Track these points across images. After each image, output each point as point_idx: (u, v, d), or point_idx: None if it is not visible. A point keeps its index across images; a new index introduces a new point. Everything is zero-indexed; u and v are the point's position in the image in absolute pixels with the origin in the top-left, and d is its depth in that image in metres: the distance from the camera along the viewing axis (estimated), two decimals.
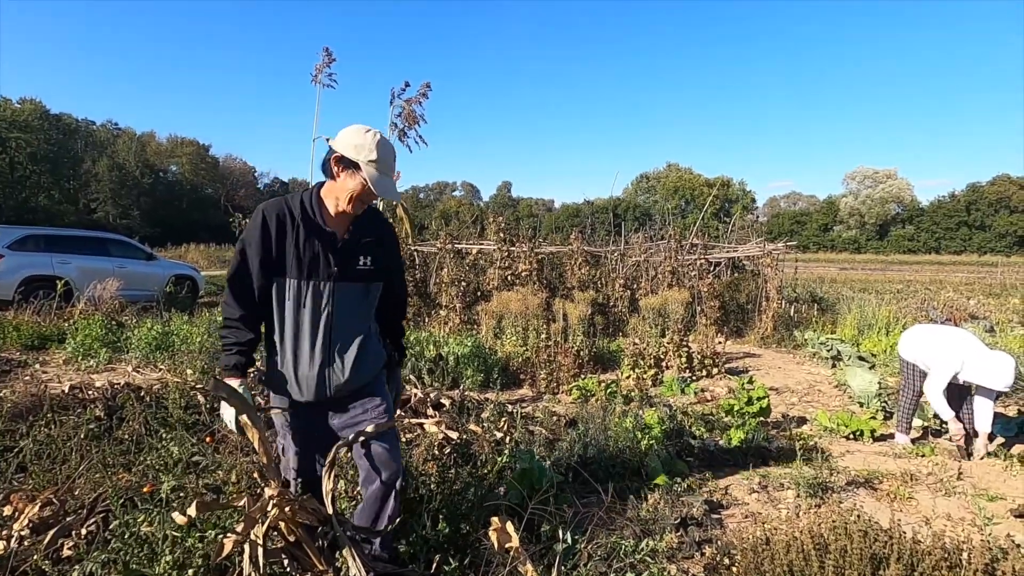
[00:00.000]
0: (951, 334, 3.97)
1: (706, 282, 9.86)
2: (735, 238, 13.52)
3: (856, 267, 36.44)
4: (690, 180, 65.84)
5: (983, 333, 8.51)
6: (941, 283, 20.88)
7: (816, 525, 1.63)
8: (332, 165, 1.83)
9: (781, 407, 5.33)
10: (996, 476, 3.54)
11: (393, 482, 1.89)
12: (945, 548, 1.46)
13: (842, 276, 25.93)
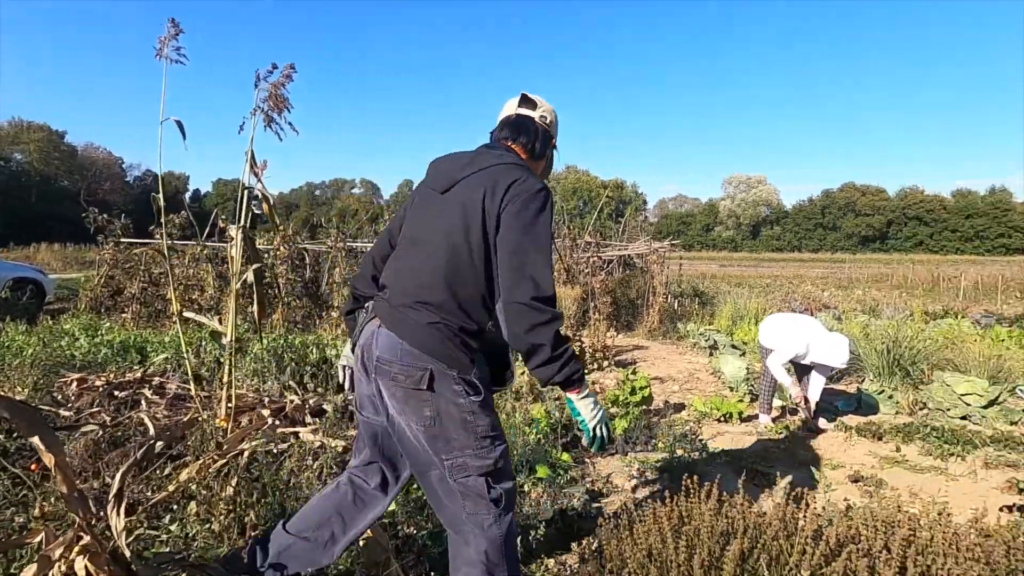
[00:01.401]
0: (799, 321, 4.40)
1: (599, 279, 10.27)
2: (626, 237, 14.26)
3: (733, 264, 39.93)
4: (587, 182, 68.60)
5: (832, 320, 9.60)
6: (801, 278, 23.43)
7: (674, 506, 1.70)
8: (549, 147, 1.84)
9: (664, 395, 5.64)
10: (838, 447, 3.98)
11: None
12: (783, 518, 1.58)
13: (721, 272, 28.15)
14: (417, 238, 1.65)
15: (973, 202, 66.19)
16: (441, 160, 1.76)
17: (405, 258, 1.66)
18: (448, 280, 1.55)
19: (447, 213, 1.60)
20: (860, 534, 1.55)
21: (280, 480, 2.48)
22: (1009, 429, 4.32)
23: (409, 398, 1.52)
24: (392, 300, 1.60)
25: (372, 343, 1.58)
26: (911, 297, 15.12)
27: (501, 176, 1.58)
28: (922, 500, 3.05)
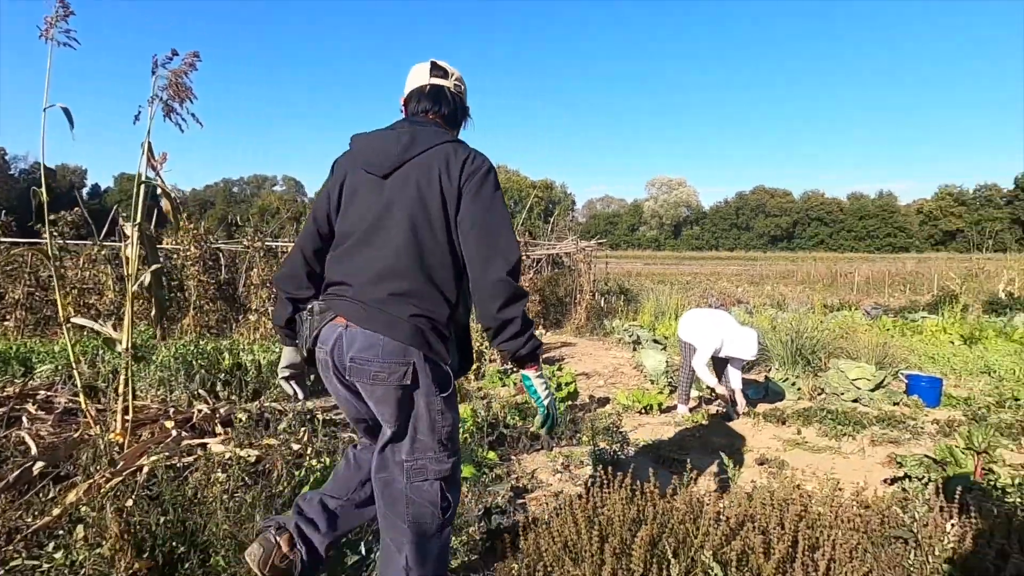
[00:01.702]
0: (714, 316, 4.65)
1: (527, 278, 10.40)
2: (555, 237, 14.50)
3: (657, 263, 41.67)
4: (517, 182, 69.20)
5: (744, 314, 10.25)
6: (718, 275, 24.84)
7: (589, 497, 1.74)
8: (465, 115, 1.83)
9: (590, 390, 5.78)
10: (747, 432, 4.24)
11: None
12: (689, 503, 1.66)
13: (646, 271, 29.29)
14: (372, 227, 1.57)
15: (865, 205, 72.87)
16: (370, 140, 1.65)
17: (362, 250, 1.58)
18: (419, 265, 1.53)
19: (400, 197, 1.55)
20: (759, 513, 1.66)
21: (183, 496, 2.32)
22: (891, 409, 4.78)
23: (389, 396, 1.51)
24: (360, 296, 1.53)
25: (341, 344, 1.53)
26: (813, 292, 16.40)
27: (451, 154, 1.57)
28: (818, 477, 3.32)
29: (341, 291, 1.58)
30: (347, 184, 1.65)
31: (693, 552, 1.46)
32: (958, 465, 2.55)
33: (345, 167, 1.67)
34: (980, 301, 12.55)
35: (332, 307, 1.58)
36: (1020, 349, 7.51)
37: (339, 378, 1.59)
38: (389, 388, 1.50)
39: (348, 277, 1.57)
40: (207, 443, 2.98)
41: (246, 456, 2.82)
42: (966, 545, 1.47)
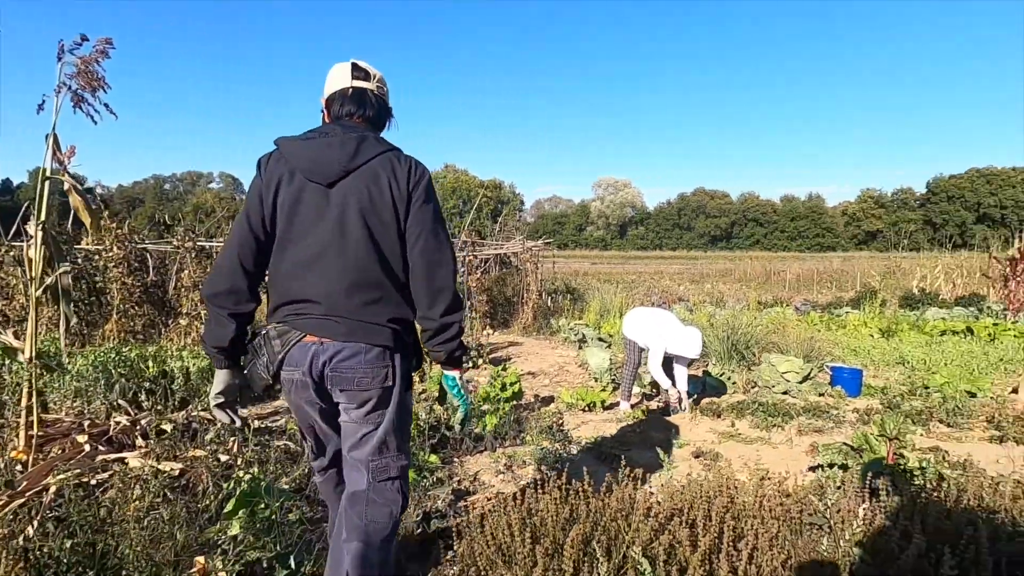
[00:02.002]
0: (657, 315, 4.77)
1: (475, 277, 10.36)
2: (502, 236, 14.53)
3: (604, 262, 42.50)
4: (466, 181, 68.98)
5: (685, 312, 10.61)
6: (662, 274, 25.59)
7: (524, 499, 1.74)
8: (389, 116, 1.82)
9: (536, 389, 5.82)
10: (685, 427, 4.38)
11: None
12: (621, 499, 1.69)
13: (593, 270, 29.79)
14: (330, 241, 1.57)
15: (796, 207, 77.02)
16: (307, 147, 1.61)
17: (324, 265, 1.57)
18: (385, 273, 1.60)
19: (353, 208, 1.57)
20: (687, 506, 1.71)
21: (95, 516, 2.15)
22: (817, 400, 5.06)
23: (370, 399, 1.60)
24: (334, 311, 1.56)
25: (318, 361, 1.57)
26: (749, 289, 17.18)
27: (396, 163, 1.61)
28: (748, 468, 3.46)
29: (306, 309, 1.58)
30: (284, 192, 1.60)
31: (625, 548, 1.48)
32: (873, 452, 2.72)
33: (278, 173, 1.61)
34: (897, 296, 13.50)
35: (297, 327, 1.59)
36: (930, 340, 8.13)
37: (317, 393, 1.61)
38: (372, 391, 1.59)
39: (314, 295, 1.57)
40: (125, 457, 2.78)
41: (168, 470, 2.65)
42: (875, 527, 1.57)
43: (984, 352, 7.09)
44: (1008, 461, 3.57)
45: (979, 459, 3.57)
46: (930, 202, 72.15)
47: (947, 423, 4.34)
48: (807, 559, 1.44)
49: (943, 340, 8.13)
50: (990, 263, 12.82)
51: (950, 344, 7.72)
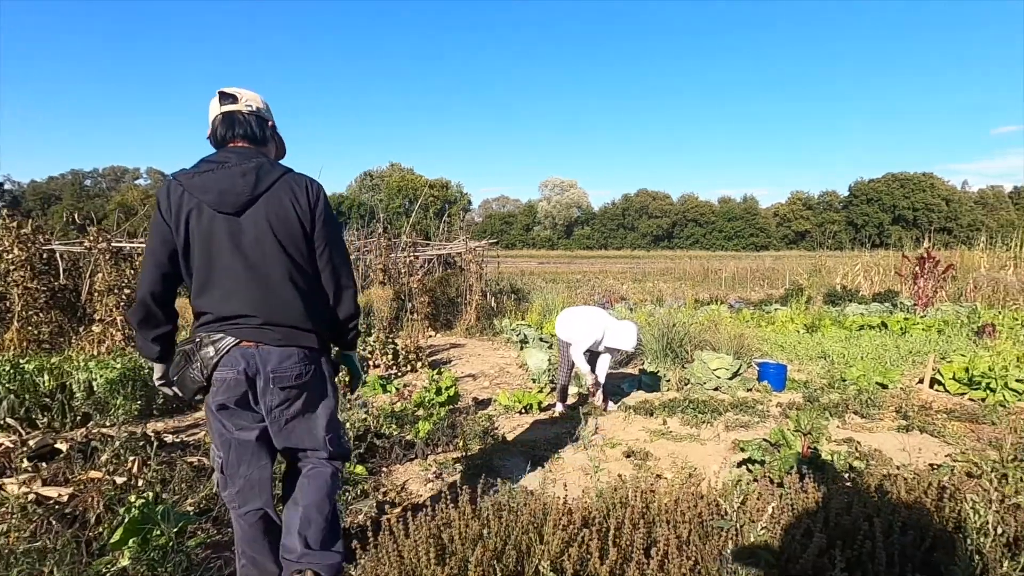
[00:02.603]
0: (590, 313, 4.80)
1: (416, 279, 10.17)
2: (446, 237, 14.37)
3: (551, 261, 42.91)
4: (413, 180, 67.98)
5: (625, 310, 10.82)
6: (606, 273, 26.07)
7: (435, 513, 1.67)
8: (268, 129, 1.94)
9: (475, 392, 5.74)
10: (619, 426, 4.42)
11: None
12: (532, 511, 1.65)
13: (540, 269, 29.98)
14: (252, 264, 1.76)
15: (733, 208, 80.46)
16: (208, 180, 1.74)
17: (252, 285, 1.77)
18: (307, 287, 1.85)
19: (266, 232, 1.76)
20: (599, 515, 1.69)
21: None
22: (745, 395, 5.24)
23: (305, 394, 1.86)
24: (271, 321, 1.79)
25: (256, 362, 1.78)
26: (688, 288, 17.75)
27: (295, 185, 1.83)
28: (676, 466, 3.52)
29: (243, 322, 1.78)
30: (196, 226, 1.74)
31: (537, 561, 1.44)
32: (789, 446, 2.82)
33: (186, 208, 1.73)
34: (822, 293, 14.28)
35: (233, 335, 1.77)
36: (849, 335, 8.64)
37: (247, 395, 1.80)
38: (308, 387, 1.85)
39: (248, 311, 1.77)
40: (3, 483, 2.51)
41: (56, 496, 2.41)
42: (780, 526, 1.60)
43: (896, 345, 7.59)
44: (914, 449, 3.80)
45: (887, 448, 3.79)
46: (852, 204, 77.11)
47: (861, 414, 4.58)
48: (713, 564, 1.44)
49: (861, 334, 8.65)
50: (902, 262, 13.78)
51: (866, 338, 8.22)
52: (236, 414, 1.81)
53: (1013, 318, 9.72)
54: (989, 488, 1.78)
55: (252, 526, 1.87)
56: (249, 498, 1.85)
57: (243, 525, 1.87)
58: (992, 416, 4.47)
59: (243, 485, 1.85)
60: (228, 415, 1.81)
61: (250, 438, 1.84)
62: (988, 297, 13.07)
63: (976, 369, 5.29)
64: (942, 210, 70.89)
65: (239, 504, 1.86)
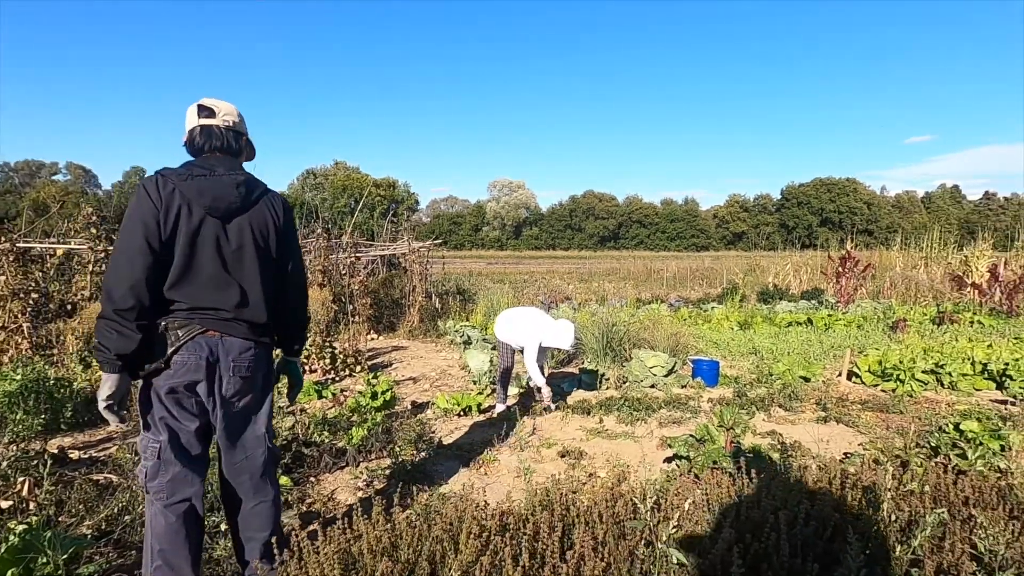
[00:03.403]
0: (530, 315, 4.81)
1: (357, 280, 9.91)
2: (389, 237, 14.10)
3: (499, 262, 42.95)
4: (358, 179, 66.45)
5: (569, 310, 10.94)
6: (553, 273, 26.34)
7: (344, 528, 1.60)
8: (243, 143, 2.08)
9: (415, 395, 5.64)
10: (557, 425, 4.45)
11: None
12: (447, 520, 1.61)
13: (488, 270, 29.97)
14: (233, 266, 1.92)
15: (675, 210, 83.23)
16: (202, 185, 1.87)
17: (228, 284, 1.92)
18: (272, 292, 2.03)
19: (248, 240, 1.94)
20: (517, 519, 1.67)
21: None
22: (679, 392, 5.39)
23: (257, 385, 2.02)
24: (238, 316, 1.93)
25: (219, 349, 1.91)
26: (632, 287, 18.19)
27: (275, 202, 2.04)
28: (609, 464, 3.57)
29: (215, 314, 1.91)
30: (185, 223, 1.85)
31: (449, 571, 1.40)
32: (713, 441, 2.91)
33: (176, 204, 1.83)
34: (755, 292, 14.96)
35: (202, 323, 1.89)
36: (779, 331, 9.08)
37: (205, 381, 1.90)
38: (259, 375, 2.02)
39: (220, 304, 1.91)
40: None
41: None
42: (696, 519, 1.64)
43: (819, 340, 8.03)
44: (831, 439, 4.02)
45: (807, 439, 3.98)
46: (784, 207, 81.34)
47: (785, 407, 4.81)
48: (626, 565, 1.45)
49: (789, 331, 9.11)
50: (827, 262, 14.62)
51: (794, 334, 8.66)
52: (183, 400, 1.89)
53: (923, 313, 10.50)
54: (887, 477, 1.88)
55: (177, 518, 1.88)
56: (179, 487, 1.89)
57: (168, 517, 1.88)
58: (900, 406, 4.79)
59: (176, 473, 1.89)
60: (175, 400, 1.88)
61: (191, 427, 1.91)
62: (902, 294, 14.08)
63: (888, 362, 5.65)
64: (864, 213, 75.94)
65: (168, 494, 1.88)
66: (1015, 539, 1.68)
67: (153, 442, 1.88)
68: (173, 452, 1.88)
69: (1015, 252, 16.01)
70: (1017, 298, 11.27)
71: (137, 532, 2.42)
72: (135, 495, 2.68)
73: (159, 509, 1.87)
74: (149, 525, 1.90)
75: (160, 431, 1.88)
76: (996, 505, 1.95)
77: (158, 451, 1.87)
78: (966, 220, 65.24)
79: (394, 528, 1.54)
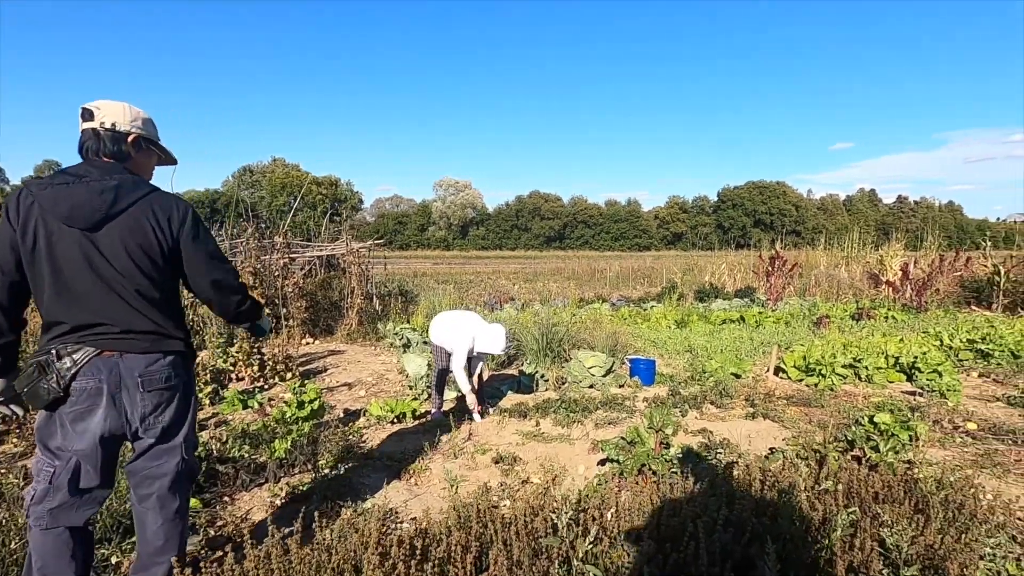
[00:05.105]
0: (462, 318, 4.70)
1: (291, 282, 9.49)
2: (328, 236, 13.62)
3: (445, 262, 42.55)
4: (298, 177, 64.15)
5: (512, 310, 10.90)
6: (499, 273, 26.34)
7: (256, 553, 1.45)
8: (126, 143, 1.91)
9: (348, 402, 5.42)
10: (493, 430, 4.36)
11: None
12: (353, 545, 1.49)
13: (433, 270, 29.61)
14: (107, 278, 1.78)
15: (618, 211, 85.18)
16: (62, 193, 1.75)
17: (99, 296, 1.79)
18: (161, 299, 1.89)
19: (120, 249, 1.78)
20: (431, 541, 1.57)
21: None
22: (616, 392, 5.43)
23: (175, 391, 1.94)
24: (129, 329, 1.83)
25: (119, 371, 1.82)
26: (576, 287, 18.39)
27: (158, 206, 1.85)
28: (543, 469, 3.51)
29: (102, 330, 1.81)
30: (41, 236, 1.74)
31: None
32: (643, 444, 2.91)
33: (32, 217, 1.74)
34: (693, 291, 15.45)
35: (92, 344, 1.80)
36: (713, 329, 9.37)
37: (112, 403, 1.81)
38: (175, 388, 1.93)
39: (105, 320, 1.80)
40: None
41: None
42: (616, 530, 1.60)
43: (751, 337, 8.35)
44: (757, 435, 4.13)
45: (735, 435, 4.08)
46: (720, 209, 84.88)
47: (716, 404, 4.93)
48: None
49: (723, 328, 9.42)
50: (759, 261, 15.29)
51: (727, 331, 8.97)
52: (87, 425, 1.81)
53: (843, 310, 11.14)
54: (803, 476, 1.90)
55: (63, 542, 1.83)
56: (64, 515, 1.82)
57: (49, 538, 1.82)
58: (822, 400, 5.01)
59: (64, 501, 1.81)
60: (79, 427, 1.80)
61: (94, 457, 1.83)
62: (826, 292, 14.91)
63: (811, 357, 5.92)
64: (792, 215, 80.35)
65: (49, 522, 1.81)
66: (919, 534, 1.73)
67: (48, 466, 1.82)
68: (67, 479, 1.81)
69: (924, 252, 17.31)
70: (925, 294, 12.17)
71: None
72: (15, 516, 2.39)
73: (38, 531, 1.82)
74: (31, 540, 1.84)
75: (56, 457, 1.82)
76: (903, 500, 2.01)
77: (51, 476, 1.81)
78: (882, 222, 70.26)
79: (288, 560, 1.40)
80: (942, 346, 7.21)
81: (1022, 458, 3.68)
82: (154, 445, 1.92)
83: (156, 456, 1.94)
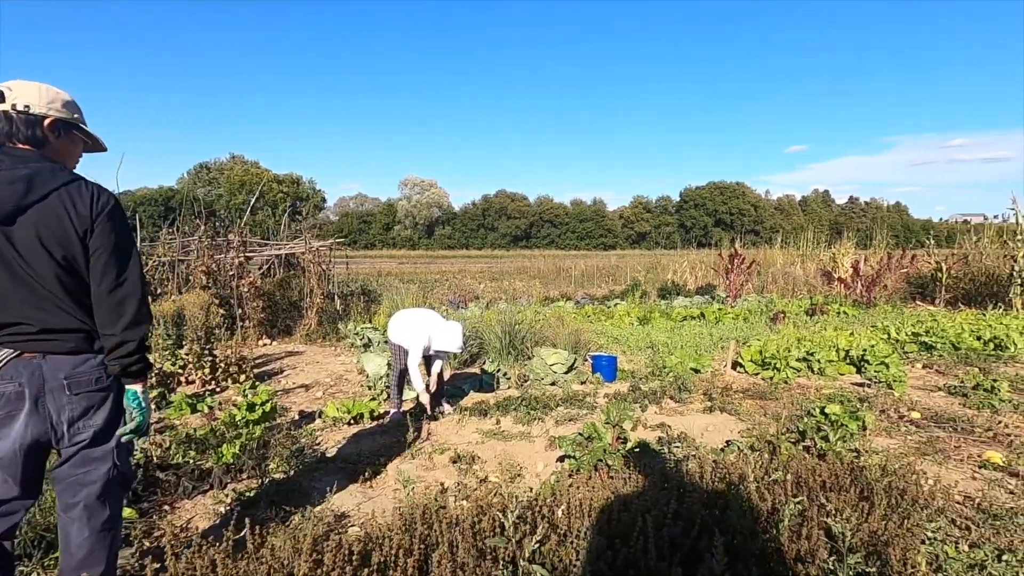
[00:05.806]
0: (419, 317, 4.61)
1: (248, 281, 9.18)
2: (287, 235, 13.26)
3: (411, 261, 42.06)
4: (258, 175, 62.37)
5: (476, 309, 10.83)
6: (465, 272, 26.20)
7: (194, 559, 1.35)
8: (41, 127, 1.76)
9: (305, 404, 5.26)
10: (452, 429, 4.29)
11: None
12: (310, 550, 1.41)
13: (398, 269, 29.21)
14: (24, 275, 1.67)
15: (584, 210, 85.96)
16: None
17: (14, 291, 1.68)
18: (81, 296, 1.76)
19: (32, 242, 1.66)
20: (374, 546, 1.50)
21: None
22: (578, 388, 5.43)
23: (96, 395, 1.80)
24: (49, 329, 1.71)
25: (41, 373, 1.71)
26: (541, 285, 18.44)
27: (76, 195, 1.71)
28: (502, 467, 3.47)
29: (18, 330, 1.70)
30: None
31: None
32: (600, 439, 2.89)
33: None
34: (656, 289, 15.69)
35: (11, 346, 1.70)
36: (675, 326, 9.52)
37: (33, 408, 1.70)
38: (107, 389, 1.82)
39: (21, 319, 1.69)
40: None
41: None
42: (565, 528, 1.57)
43: (710, 333, 8.51)
44: (715, 428, 4.19)
45: (693, 429, 4.12)
46: (683, 208, 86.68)
47: (675, 399, 4.98)
48: None
49: (684, 324, 9.58)
50: (719, 259, 15.64)
51: (688, 328, 9.12)
52: (7, 432, 1.71)
53: (798, 306, 11.49)
54: (753, 467, 1.91)
55: None
56: None
57: None
58: (777, 392, 5.13)
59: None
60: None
61: (13, 466, 1.72)
62: (782, 288, 15.37)
63: (767, 352, 6.06)
64: (751, 215, 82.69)
65: None
66: (864, 521, 1.75)
67: None
68: None
69: (873, 250, 18.04)
70: (874, 290, 12.68)
71: None
72: None
73: None
74: None
75: None
76: (849, 488, 2.05)
77: None
78: (835, 221, 73.00)
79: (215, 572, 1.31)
80: (889, 339, 7.50)
81: (961, 445, 3.83)
82: (82, 450, 1.80)
83: (84, 462, 1.82)
